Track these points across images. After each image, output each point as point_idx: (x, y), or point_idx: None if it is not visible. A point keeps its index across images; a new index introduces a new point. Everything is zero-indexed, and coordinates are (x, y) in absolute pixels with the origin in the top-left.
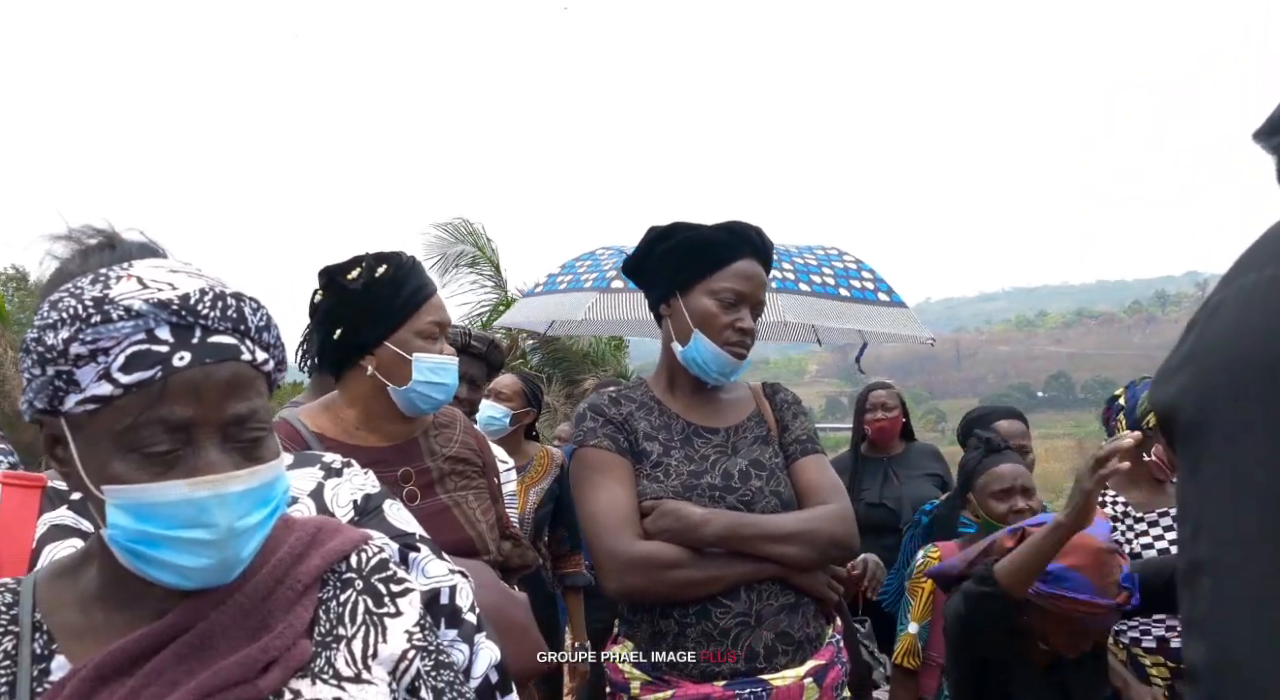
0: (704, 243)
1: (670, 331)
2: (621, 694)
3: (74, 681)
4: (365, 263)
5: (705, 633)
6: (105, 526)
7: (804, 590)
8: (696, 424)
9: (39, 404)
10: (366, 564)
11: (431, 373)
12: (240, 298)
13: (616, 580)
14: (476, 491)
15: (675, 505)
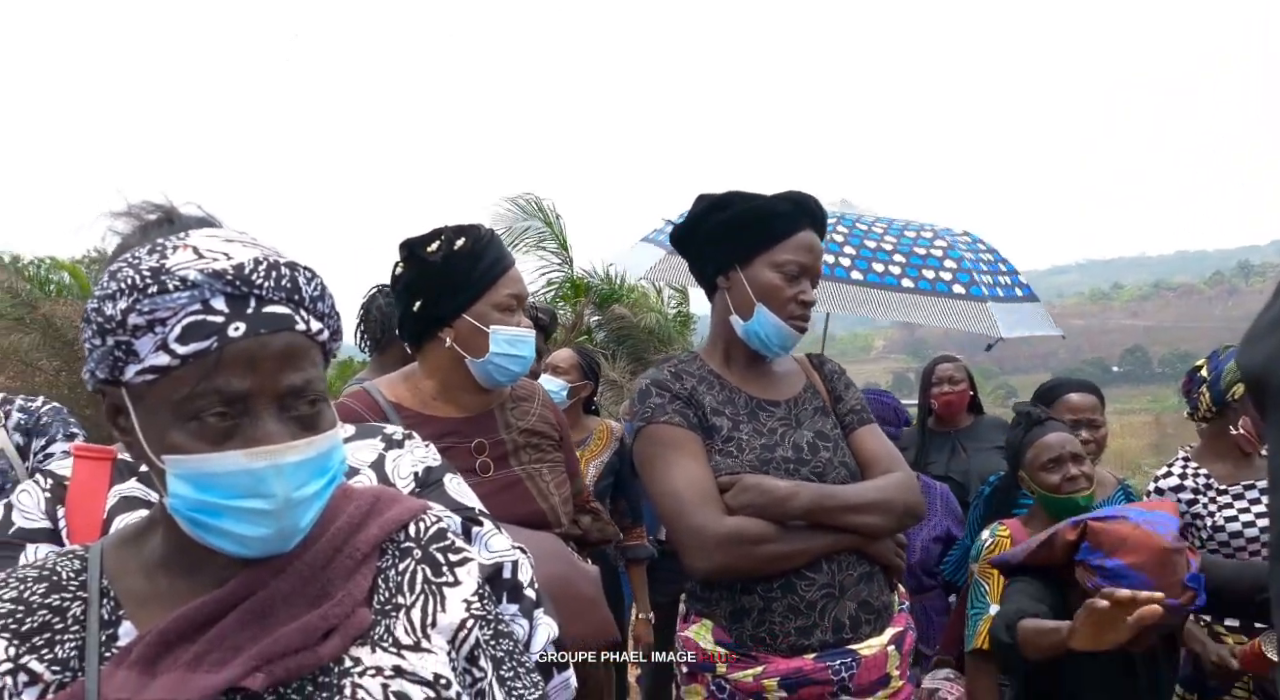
0: (767, 214)
1: (728, 304)
2: (705, 673)
3: (140, 646)
4: (444, 235)
5: (792, 606)
6: (167, 495)
7: (877, 559)
8: (759, 397)
9: (100, 374)
10: (425, 533)
11: (509, 345)
12: (294, 267)
13: (705, 558)
14: (551, 465)
15: (758, 479)
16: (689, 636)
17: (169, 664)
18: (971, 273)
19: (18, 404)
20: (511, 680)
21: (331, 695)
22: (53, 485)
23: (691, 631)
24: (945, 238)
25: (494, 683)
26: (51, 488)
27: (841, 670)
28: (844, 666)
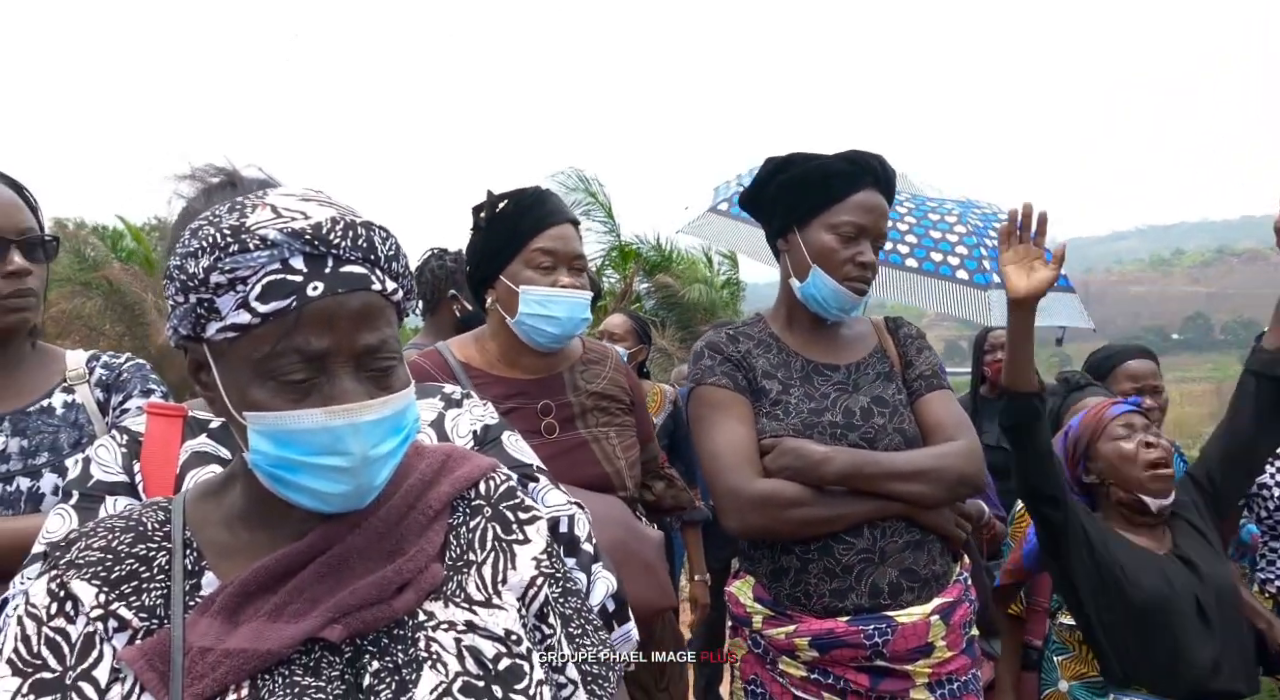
0: (822, 174)
1: (788, 267)
2: (744, 627)
3: (223, 596)
4: (490, 199)
5: (827, 568)
6: (248, 451)
7: (930, 528)
8: (816, 361)
9: (183, 330)
10: (494, 491)
11: (538, 305)
12: (370, 227)
13: (737, 518)
14: (619, 428)
15: (796, 443)
16: (732, 592)
17: (250, 614)
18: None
19: (103, 360)
20: (580, 637)
21: (406, 648)
22: (128, 441)
23: (734, 587)
24: (968, 223)
25: (562, 640)
26: (127, 443)
27: (875, 636)
28: (878, 632)
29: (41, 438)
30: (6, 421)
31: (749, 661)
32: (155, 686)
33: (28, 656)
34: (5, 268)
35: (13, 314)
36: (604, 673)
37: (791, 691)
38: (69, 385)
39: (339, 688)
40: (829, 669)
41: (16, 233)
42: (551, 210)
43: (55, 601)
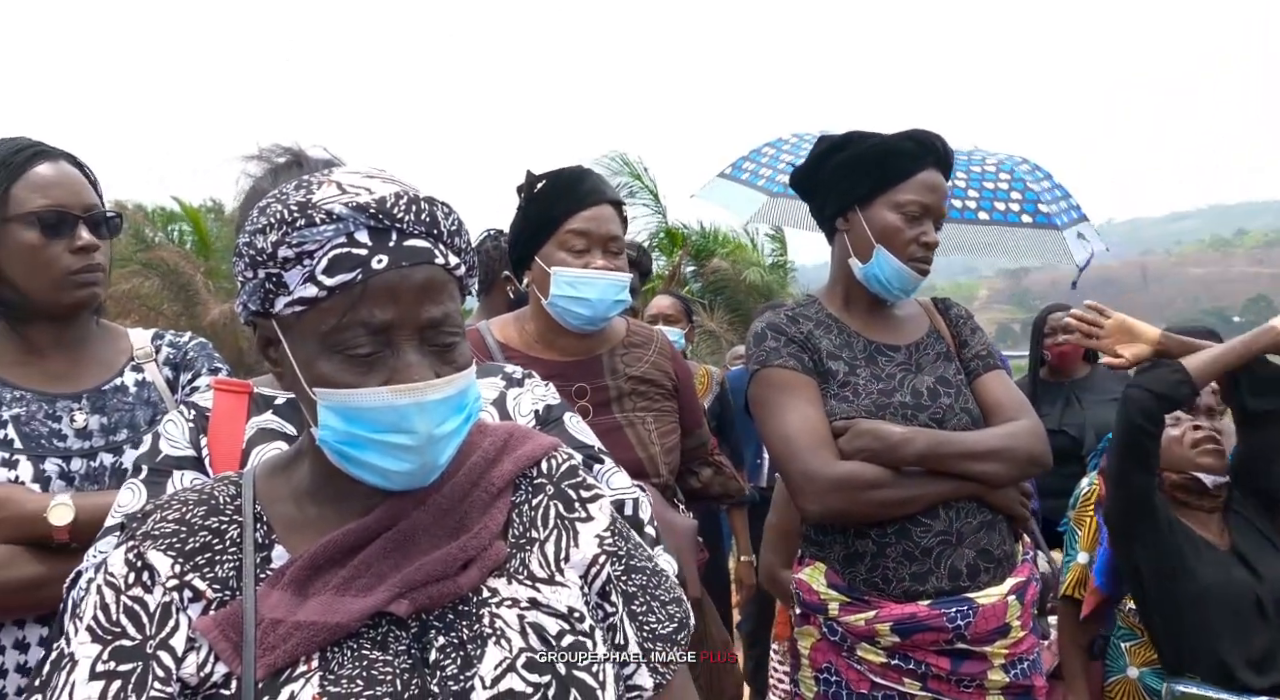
0: (887, 152)
1: (847, 247)
2: (817, 615)
3: (293, 569)
4: (529, 179)
5: (906, 552)
6: (317, 427)
7: (998, 507)
8: (878, 342)
9: (252, 306)
10: (557, 470)
11: (569, 286)
12: (433, 202)
13: (817, 501)
14: (659, 414)
15: (873, 424)
16: (802, 579)
17: (319, 587)
18: (1037, 204)
19: (168, 339)
20: (644, 615)
21: (471, 624)
22: (195, 416)
23: (805, 574)
24: (1008, 170)
25: (624, 618)
26: (195, 419)
27: (957, 618)
28: (960, 615)
29: (120, 415)
30: (85, 399)
31: (821, 649)
32: (229, 656)
33: (107, 624)
34: (74, 243)
35: (82, 289)
36: (667, 649)
37: (870, 678)
38: (138, 364)
39: (405, 662)
40: (910, 654)
41: (83, 209)
42: (589, 190)
43: (133, 571)
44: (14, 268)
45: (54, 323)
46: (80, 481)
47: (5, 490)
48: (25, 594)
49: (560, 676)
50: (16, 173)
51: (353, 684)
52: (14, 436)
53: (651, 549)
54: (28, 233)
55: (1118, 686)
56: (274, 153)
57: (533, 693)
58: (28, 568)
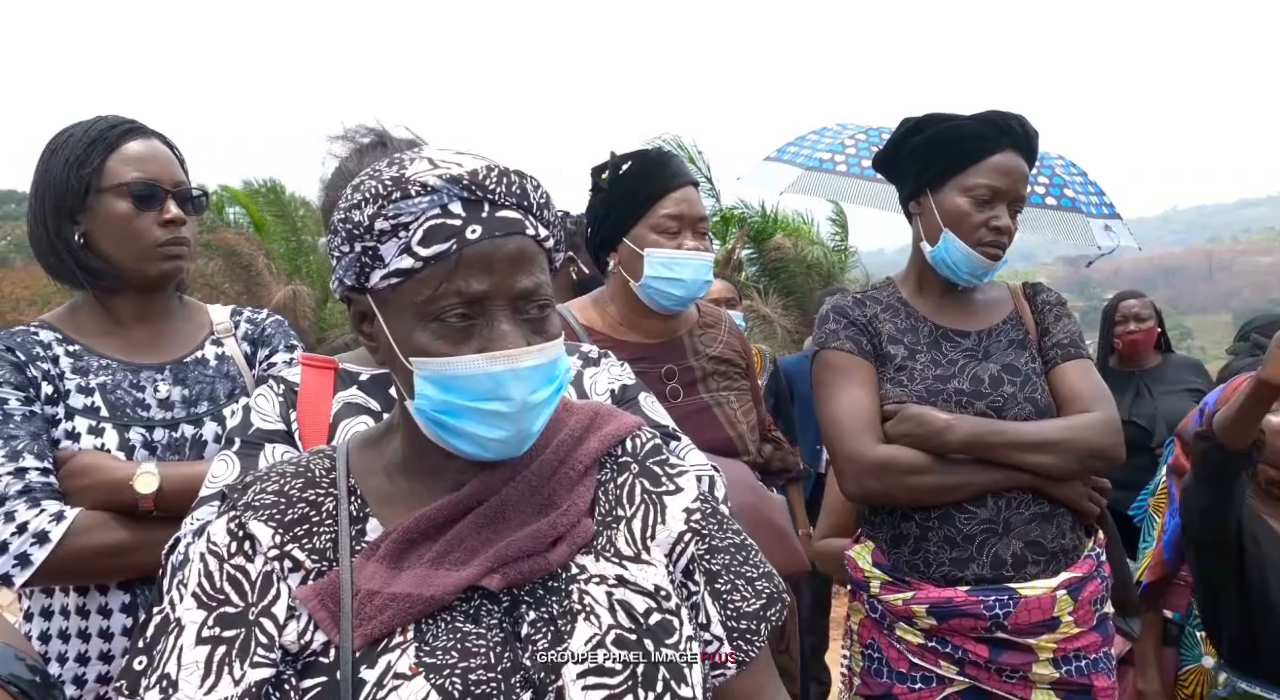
0: (958, 135)
1: (919, 230)
2: (862, 592)
3: (388, 542)
4: (613, 160)
5: (947, 537)
6: (412, 398)
7: (1060, 500)
8: (946, 327)
9: (348, 281)
10: (641, 449)
11: (664, 267)
12: (523, 175)
13: (855, 483)
14: (738, 392)
15: (918, 410)
16: (851, 556)
17: (412, 560)
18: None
19: (246, 315)
20: (728, 593)
21: (561, 599)
22: (285, 390)
23: (854, 551)
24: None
25: (706, 597)
26: (284, 393)
27: (996, 607)
28: (999, 603)
29: (200, 387)
30: (168, 370)
31: (866, 626)
32: (327, 625)
33: (211, 591)
34: (162, 216)
35: (168, 261)
36: (752, 627)
37: (908, 658)
38: (218, 338)
39: (498, 635)
40: (947, 638)
41: (172, 184)
42: (676, 172)
43: (235, 540)
44: (105, 237)
45: (139, 295)
46: (162, 451)
47: (93, 457)
48: (110, 559)
49: (649, 654)
50: (112, 146)
51: (448, 655)
52: (101, 405)
53: None
54: (119, 203)
55: (1191, 676)
56: (359, 133)
57: (622, 669)
58: (112, 534)
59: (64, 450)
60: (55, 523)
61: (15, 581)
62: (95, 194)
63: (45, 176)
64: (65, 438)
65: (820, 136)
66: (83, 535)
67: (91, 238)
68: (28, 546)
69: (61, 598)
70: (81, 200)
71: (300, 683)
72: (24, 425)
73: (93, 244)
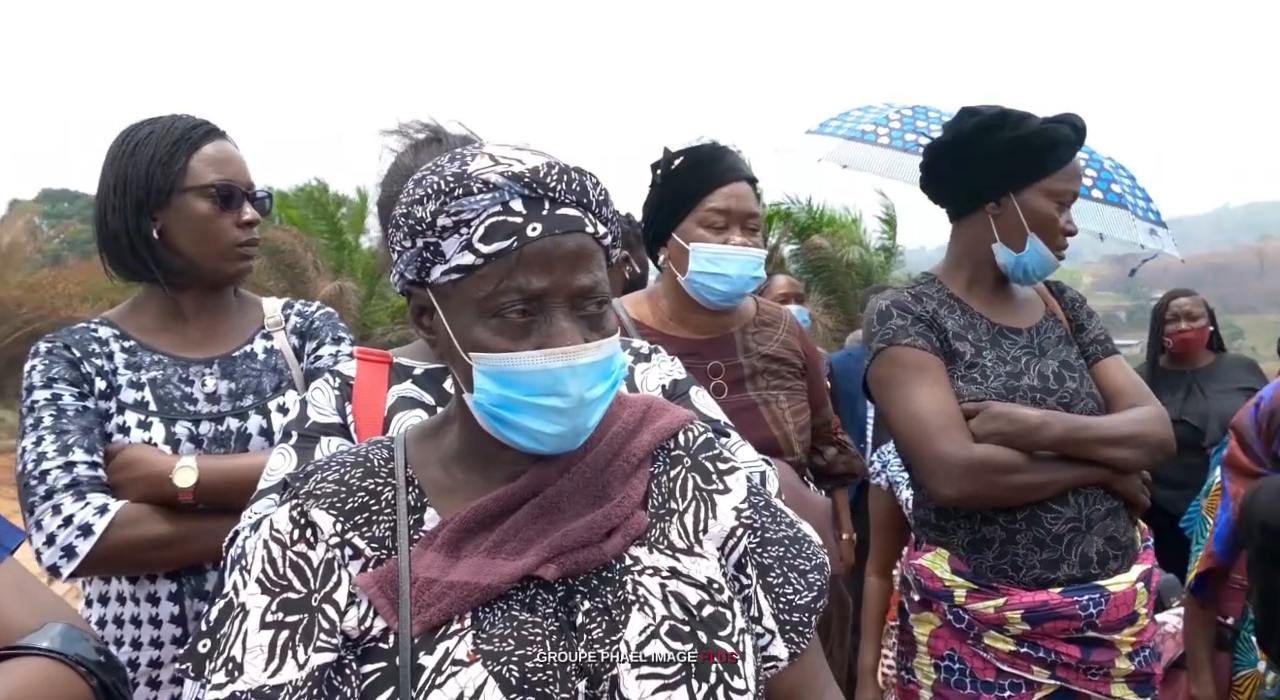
0: (1052, 140)
1: (992, 230)
2: (940, 602)
3: (445, 532)
4: (666, 155)
5: (1037, 538)
6: (471, 392)
7: (1123, 494)
8: (1001, 324)
9: (409, 275)
10: (694, 443)
11: (709, 262)
12: (582, 172)
13: (950, 484)
14: (790, 392)
15: (1007, 407)
16: (924, 565)
17: (469, 549)
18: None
19: (296, 308)
20: (780, 586)
21: (615, 590)
22: (340, 384)
23: (926, 560)
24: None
25: (759, 590)
26: (340, 386)
27: (1090, 606)
28: (1092, 602)
29: (247, 381)
30: (216, 365)
31: (943, 636)
32: (387, 612)
33: (274, 577)
34: (240, 217)
35: (243, 261)
36: (803, 619)
37: (996, 666)
38: (268, 332)
39: (553, 624)
40: (1039, 642)
41: (246, 185)
42: (727, 167)
43: (297, 528)
44: (184, 236)
45: (205, 291)
46: (208, 445)
47: (138, 451)
48: (152, 551)
49: (702, 645)
50: (194, 147)
51: (504, 642)
52: (150, 399)
53: None
54: (201, 203)
55: (1247, 680)
56: (413, 128)
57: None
58: (156, 526)
59: (114, 444)
60: (99, 516)
61: (63, 573)
62: (178, 193)
63: (125, 173)
64: (117, 432)
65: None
66: (125, 528)
67: (168, 234)
68: (73, 539)
69: (117, 585)
70: (165, 198)
71: (360, 668)
72: (76, 420)
73: (169, 241)
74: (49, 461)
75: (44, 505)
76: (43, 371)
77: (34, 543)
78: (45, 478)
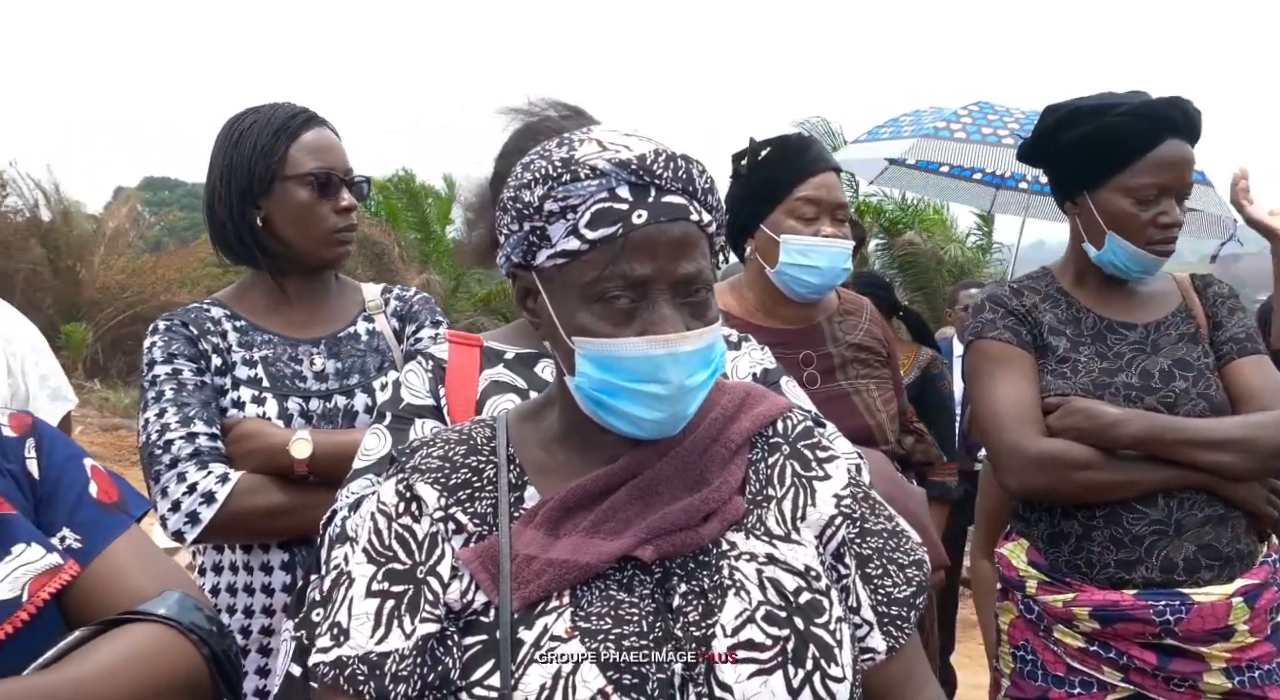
0: (1114, 135)
1: (1079, 228)
2: (1016, 591)
3: (545, 510)
4: (752, 146)
5: (1114, 537)
6: (573, 375)
7: (1236, 503)
8: (1111, 319)
9: (515, 258)
10: (792, 430)
11: (799, 254)
12: (689, 160)
13: (1017, 477)
14: (879, 381)
15: (1085, 403)
16: (1004, 554)
17: (568, 529)
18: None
19: (395, 292)
20: (879, 578)
21: (711, 574)
22: (434, 366)
23: (1007, 549)
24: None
25: (857, 581)
26: (433, 369)
27: (1167, 612)
28: (1169, 609)
29: (352, 361)
30: (323, 345)
31: (1019, 627)
32: (488, 586)
33: (380, 548)
34: (339, 204)
35: (341, 246)
36: (902, 613)
37: (1066, 661)
38: (369, 314)
39: (650, 605)
40: (1111, 642)
41: (344, 172)
42: (815, 158)
43: (402, 501)
44: (285, 223)
45: (306, 275)
46: (317, 420)
47: (254, 424)
48: (267, 520)
49: (799, 632)
50: (294, 136)
51: (602, 621)
52: (263, 376)
53: None
54: (301, 191)
55: None
56: (530, 110)
57: (772, 645)
58: (271, 496)
59: (230, 418)
60: (221, 484)
61: (187, 538)
62: (279, 181)
63: (230, 162)
64: (231, 406)
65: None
66: (244, 496)
67: (271, 221)
68: (197, 505)
69: (230, 554)
70: (267, 187)
71: (462, 640)
72: (196, 393)
73: (272, 227)
74: (172, 432)
75: (169, 473)
76: (163, 347)
77: (159, 509)
78: (170, 447)
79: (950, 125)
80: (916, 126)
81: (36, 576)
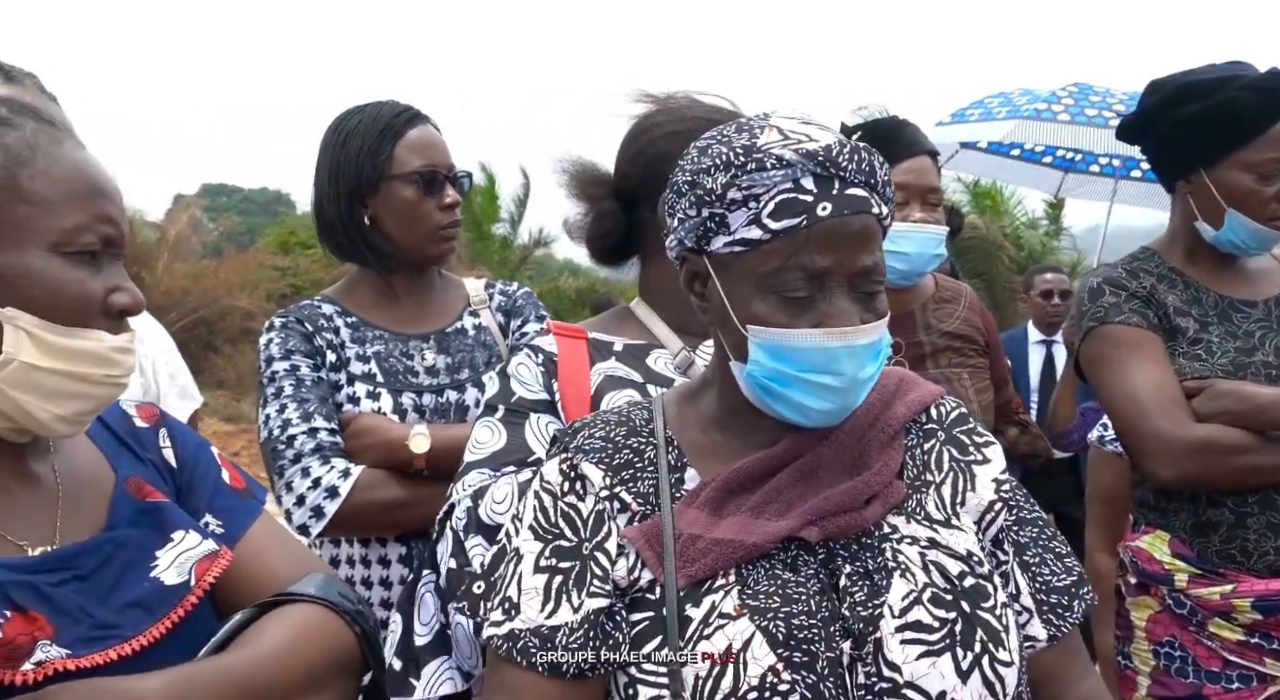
0: (1232, 112)
1: (1191, 208)
2: (1159, 586)
3: (708, 490)
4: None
5: (1271, 524)
6: (740, 360)
7: None
8: (1230, 296)
9: (688, 242)
10: (947, 416)
11: (887, 241)
12: (870, 151)
13: (1171, 466)
14: (973, 370)
15: (1233, 385)
16: (1141, 548)
17: (731, 509)
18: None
19: (499, 287)
20: (1037, 566)
21: (875, 556)
22: (544, 359)
23: (1144, 542)
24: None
25: (1016, 568)
26: (544, 363)
27: None
28: None
29: (462, 355)
30: (432, 340)
31: (1163, 622)
32: (653, 564)
33: (546, 525)
34: (443, 201)
35: (446, 243)
36: (1064, 602)
37: (1222, 655)
38: (474, 310)
39: (815, 585)
40: (1272, 632)
41: (447, 168)
42: (908, 140)
43: (567, 480)
44: (391, 221)
45: (413, 272)
46: (430, 415)
47: (371, 420)
48: (387, 514)
49: (966, 615)
50: (398, 135)
51: (770, 599)
52: (376, 371)
53: None
54: (407, 190)
55: None
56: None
57: (940, 626)
58: (390, 490)
59: (347, 413)
60: (343, 478)
61: (312, 531)
62: (386, 181)
63: (337, 162)
64: (347, 402)
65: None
66: (366, 491)
67: (378, 220)
68: (321, 500)
69: (347, 548)
70: (374, 186)
71: (630, 616)
72: (314, 389)
73: (379, 225)
74: (294, 427)
75: (293, 468)
76: (280, 344)
77: (284, 503)
78: (293, 442)
79: (1051, 106)
80: (1012, 109)
81: (199, 561)
